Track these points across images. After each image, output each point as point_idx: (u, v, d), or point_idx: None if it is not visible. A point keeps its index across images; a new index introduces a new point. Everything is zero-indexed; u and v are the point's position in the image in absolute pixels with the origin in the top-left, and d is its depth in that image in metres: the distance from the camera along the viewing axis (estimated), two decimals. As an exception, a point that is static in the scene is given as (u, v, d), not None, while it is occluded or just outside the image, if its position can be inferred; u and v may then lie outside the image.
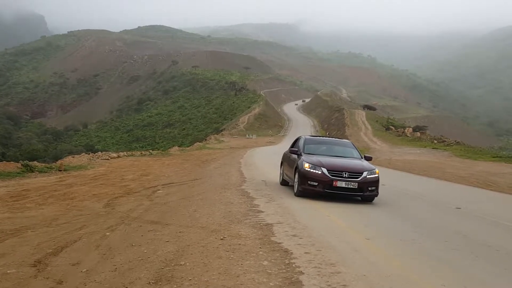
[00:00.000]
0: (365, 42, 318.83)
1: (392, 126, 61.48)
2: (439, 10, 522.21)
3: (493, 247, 6.17)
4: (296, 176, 9.70)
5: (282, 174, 11.92)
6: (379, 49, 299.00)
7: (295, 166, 9.97)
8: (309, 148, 10.56)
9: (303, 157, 9.91)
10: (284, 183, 11.66)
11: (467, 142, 44.05)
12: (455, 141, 39.95)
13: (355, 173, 9.21)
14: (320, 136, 13.49)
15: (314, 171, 9.22)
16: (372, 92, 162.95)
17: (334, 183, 9.06)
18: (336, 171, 9.18)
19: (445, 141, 40.72)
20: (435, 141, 41.09)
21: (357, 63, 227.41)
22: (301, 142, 10.97)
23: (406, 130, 53.67)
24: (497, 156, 26.50)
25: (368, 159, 10.47)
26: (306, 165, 9.38)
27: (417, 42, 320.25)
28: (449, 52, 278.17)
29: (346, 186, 9.09)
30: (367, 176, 9.21)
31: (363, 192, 9.22)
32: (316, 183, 9.16)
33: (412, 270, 4.89)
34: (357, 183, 9.09)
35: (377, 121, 67.41)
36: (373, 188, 9.29)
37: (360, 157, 10.55)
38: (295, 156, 10.46)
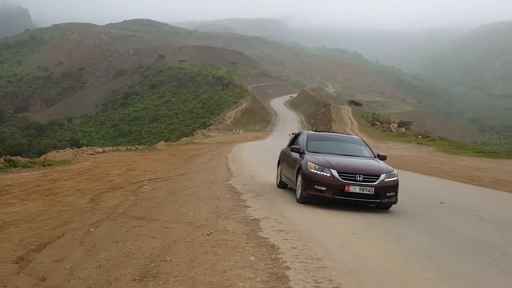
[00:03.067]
0: (351, 38, 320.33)
1: (378, 121, 62.11)
2: (424, 7, 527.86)
3: (477, 241, 6.26)
4: (299, 179, 8.30)
5: (279, 175, 10.49)
6: (365, 45, 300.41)
7: (297, 167, 8.57)
8: (313, 146, 9.10)
9: (307, 156, 8.51)
10: (281, 185, 10.27)
11: (450, 137, 44.75)
12: (439, 136, 40.55)
13: (371, 175, 7.85)
14: (325, 132, 12.19)
15: (322, 173, 7.87)
16: (358, 88, 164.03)
17: (346, 188, 7.68)
18: (349, 174, 7.80)
19: (429, 136, 41.37)
20: (420, 137, 41.71)
21: (343, 59, 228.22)
22: (303, 139, 9.52)
23: (391, 126, 54.28)
24: (480, 152, 26.97)
25: (382, 158, 9.00)
26: (312, 166, 8.02)
27: (402, 39, 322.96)
28: (433, 49, 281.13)
29: (361, 191, 7.71)
30: (385, 180, 7.89)
31: (381, 199, 7.85)
32: (324, 188, 7.80)
33: (398, 264, 4.94)
34: (373, 188, 7.73)
35: (362, 116, 67.99)
36: (392, 193, 7.95)
37: (373, 156, 9.16)
38: (296, 154, 9.01)
